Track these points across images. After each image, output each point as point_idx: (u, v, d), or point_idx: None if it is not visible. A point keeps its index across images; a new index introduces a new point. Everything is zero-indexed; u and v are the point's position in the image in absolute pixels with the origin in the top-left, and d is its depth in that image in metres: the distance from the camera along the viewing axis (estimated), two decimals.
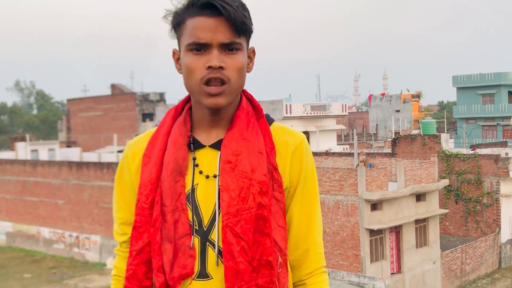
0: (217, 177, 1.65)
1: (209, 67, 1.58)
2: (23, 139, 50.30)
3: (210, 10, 1.58)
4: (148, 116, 49.93)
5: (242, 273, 1.59)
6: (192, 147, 1.70)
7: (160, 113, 47.70)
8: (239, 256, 1.59)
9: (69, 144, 53.35)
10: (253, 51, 1.73)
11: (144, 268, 1.69)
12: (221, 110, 1.68)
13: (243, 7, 1.62)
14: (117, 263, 1.85)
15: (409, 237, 24.71)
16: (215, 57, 1.58)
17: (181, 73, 1.67)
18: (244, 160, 1.63)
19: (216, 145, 1.69)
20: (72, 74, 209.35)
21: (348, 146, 41.79)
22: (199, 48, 1.60)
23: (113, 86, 54.23)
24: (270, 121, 1.77)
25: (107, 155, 39.67)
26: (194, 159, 1.69)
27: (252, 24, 1.66)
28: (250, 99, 1.77)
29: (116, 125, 50.83)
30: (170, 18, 1.67)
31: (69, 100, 57.90)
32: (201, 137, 1.72)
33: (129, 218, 1.78)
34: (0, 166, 42.39)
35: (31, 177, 39.84)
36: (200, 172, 1.67)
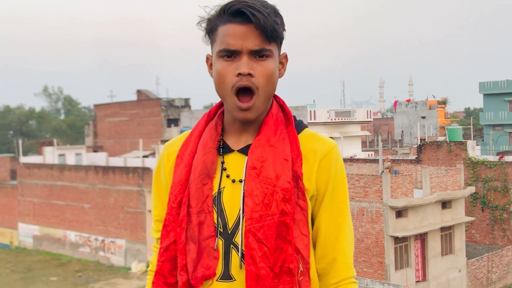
0: (243, 182, 1.67)
1: (239, 74, 1.61)
2: (50, 143, 50.95)
3: (241, 18, 1.61)
4: (173, 122, 50.26)
5: (263, 278, 1.60)
6: (221, 151, 1.73)
7: (185, 118, 47.99)
8: (260, 262, 1.60)
9: (95, 149, 53.91)
10: (285, 57, 1.75)
11: (169, 266, 1.72)
12: (252, 121, 1.72)
13: (275, 13, 1.64)
14: (153, 259, 1.89)
15: (434, 244, 24.45)
16: (244, 64, 1.61)
17: (213, 77, 1.70)
18: (269, 167, 1.65)
19: (244, 150, 1.71)
20: (98, 79, 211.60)
21: (373, 153, 41.54)
22: (230, 54, 1.63)
23: (139, 92, 54.68)
24: (302, 127, 1.78)
25: (132, 160, 39.98)
26: (223, 163, 1.72)
27: (284, 29, 1.68)
28: (282, 105, 1.79)
29: (141, 130, 51.23)
30: (203, 25, 1.71)
31: (96, 106, 58.54)
32: (231, 141, 1.75)
33: (164, 216, 1.82)
34: (28, 170, 42.98)
35: (58, 181, 40.32)
36: (227, 176, 1.69)
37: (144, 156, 40.57)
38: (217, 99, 1.80)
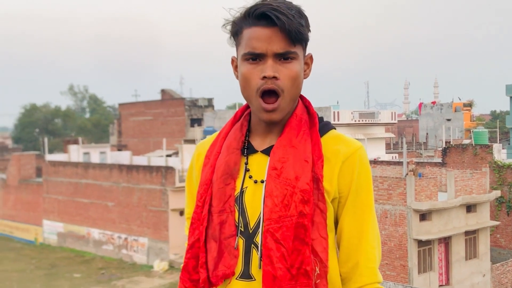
0: (264, 182, 1.68)
1: (264, 77, 1.62)
2: (76, 142, 51.50)
3: (266, 21, 1.61)
4: (196, 121, 50.44)
5: (280, 279, 1.60)
6: (245, 151, 1.75)
7: (208, 118, 48.12)
8: (277, 262, 1.60)
9: (119, 147, 54.36)
10: (311, 58, 1.75)
11: (193, 262, 1.76)
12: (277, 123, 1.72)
13: (300, 14, 1.64)
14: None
15: (458, 248, 24.18)
16: (269, 67, 1.61)
17: (238, 80, 1.71)
18: (289, 168, 1.65)
19: (268, 151, 1.72)
20: (123, 79, 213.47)
21: (397, 155, 41.18)
22: (255, 57, 1.64)
23: (163, 92, 54.99)
24: (328, 128, 1.77)
25: (156, 159, 40.23)
26: (246, 163, 1.73)
27: (309, 31, 1.68)
28: (307, 106, 1.78)
29: (165, 130, 51.50)
30: (228, 27, 1.71)
31: (120, 105, 59.00)
32: (256, 142, 1.76)
33: None
34: (53, 168, 43.51)
35: (83, 179, 40.75)
36: (250, 177, 1.71)
37: (167, 156, 40.78)
38: (240, 99, 1.80)
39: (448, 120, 64.08)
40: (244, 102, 1.81)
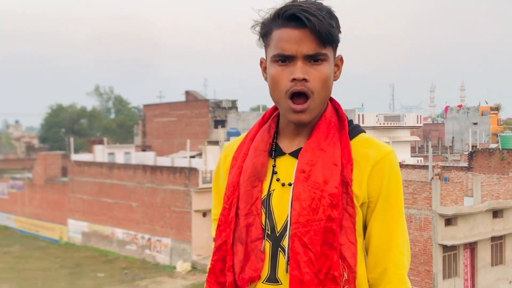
0: (292, 185, 1.65)
1: (293, 79, 1.59)
2: (101, 142, 52.01)
3: (296, 22, 1.58)
4: (220, 123, 50.55)
5: (307, 284, 1.58)
6: (273, 154, 1.72)
7: (232, 120, 48.19)
8: (305, 267, 1.58)
9: (144, 148, 54.73)
10: (341, 59, 1.72)
11: (220, 265, 1.74)
12: (306, 124, 1.69)
13: (330, 15, 1.61)
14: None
15: (484, 254, 23.86)
16: (299, 69, 1.59)
17: (267, 81, 1.69)
18: (318, 171, 1.62)
19: (296, 153, 1.69)
20: (148, 80, 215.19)
21: (422, 159, 40.80)
22: (284, 59, 1.61)
23: (187, 93, 55.24)
24: (358, 132, 1.74)
25: (180, 160, 40.41)
26: (274, 166, 1.71)
27: (340, 31, 1.65)
28: (337, 109, 1.76)
29: (189, 131, 51.71)
30: (257, 29, 1.69)
31: (145, 106, 59.41)
32: (284, 144, 1.73)
33: None
34: (78, 167, 43.98)
35: (108, 179, 41.10)
36: (277, 180, 1.68)
37: (191, 157, 40.93)
38: (264, 101, 1.76)
39: (475, 124, 63.31)
40: (269, 104, 1.79)
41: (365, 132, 1.76)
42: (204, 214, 34.04)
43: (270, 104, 1.79)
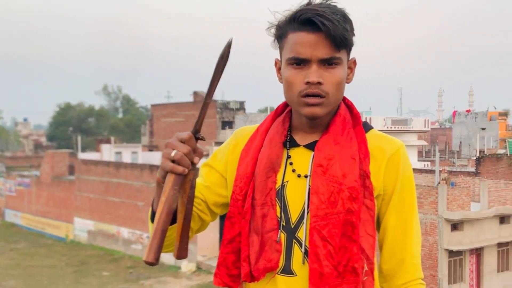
0: (308, 177, 1.67)
1: (308, 83, 1.62)
2: (108, 141, 52.14)
3: (311, 26, 1.61)
4: (227, 124, 50.59)
5: (327, 276, 1.60)
6: (288, 145, 1.74)
7: (240, 121, 48.21)
8: (324, 260, 1.60)
9: (151, 148, 54.81)
10: (354, 62, 1.75)
11: (233, 257, 1.74)
12: (318, 118, 1.70)
13: (345, 19, 1.63)
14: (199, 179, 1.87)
15: (490, 260, 23.77)
16: (313, 73, 1.62)
17: (281, 82, 1.72)
18: (336, 165, 1.64)
19: (311, 146, 1.71)
20: (156, 80, 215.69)
21: (429, 163, 40.70)
22: (299, 62, 1.64)
23: (195, 93, 55.28)
24: (369, 128, 1.78)
25: None
26: (289, 157, 1.72)
27: (354, 35, 1.68)
28: (350, 106, 1.79)
29: None
30: (273, 31, 1.72)
31: (153, 106, 59.52)
32: (298, 137, 1.76)
33: (209, 173, 1.85)
34: (85, 166, 44.09)
35: (114, 178, 41.19)
36: (293, 171, 1.70)
37: None
38: (272, 103, 1.78)
39: (483, 129, 63.05)
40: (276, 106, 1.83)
41: (374, 128, 1.80)
42: None
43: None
